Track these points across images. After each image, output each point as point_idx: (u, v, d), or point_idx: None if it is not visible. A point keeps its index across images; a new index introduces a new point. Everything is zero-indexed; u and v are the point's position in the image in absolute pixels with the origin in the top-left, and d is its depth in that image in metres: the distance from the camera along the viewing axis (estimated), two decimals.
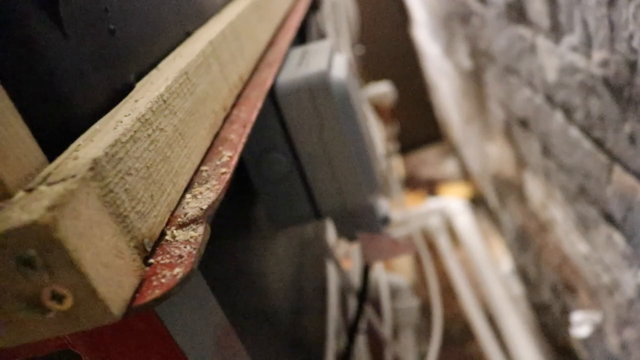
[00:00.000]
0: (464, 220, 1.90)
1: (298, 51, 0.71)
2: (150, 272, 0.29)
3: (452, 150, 3.28)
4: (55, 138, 0.33)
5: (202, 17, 0.63)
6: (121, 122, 0.33)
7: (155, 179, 0.33)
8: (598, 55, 0.74)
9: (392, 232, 1.88)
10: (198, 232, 0.31)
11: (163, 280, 0.28)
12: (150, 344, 0.36)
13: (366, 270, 0.79)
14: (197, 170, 0.39)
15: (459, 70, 2.03)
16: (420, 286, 2.07)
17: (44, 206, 0.24)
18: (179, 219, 0.33)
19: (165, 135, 0.36)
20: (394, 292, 1.18)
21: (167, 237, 0.32)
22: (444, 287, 2.01)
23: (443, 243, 1.83)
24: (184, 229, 0.32)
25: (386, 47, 3.32)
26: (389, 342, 0.95)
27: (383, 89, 2.29)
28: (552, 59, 0.95)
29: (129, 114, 0.34)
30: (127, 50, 0.44)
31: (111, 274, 0.26)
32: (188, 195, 0.36)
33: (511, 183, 1.74)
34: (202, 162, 0.40)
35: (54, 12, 0.36)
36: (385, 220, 0.72)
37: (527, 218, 1.68)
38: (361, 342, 0.98)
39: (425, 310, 1.77)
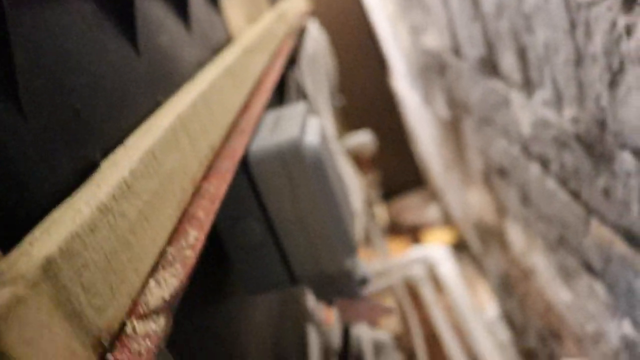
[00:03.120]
0: (448, 268, 1.89)
1: (272, 116, 0.71)
2: None
3: (434, 196, 3.29)
4: (11, 226, 0.32)
5: (173, 85, 0.63)
6: (80, 211, 0.32)
7: (116, 268, 0.32)
8: (569, 112, 0.76)
9: (374, 284, 1.86)
10: (159, 325, 0.30)
11: None
12: None
13: (346, 332, 0.78)
14: (162, 252, 0.38)
15: (437, 119, 2.05)
16: (404, 336, 2.04)
17: None
18: (140, 309, 0.32)
19: (128, 221, 0.35)
20: (378, 349, 1.15)
21: (127, 330, 0.30)
22: (429, 335, 1.99)
23: (427, 293, 1.81)
24: (145, 320, 0.31)
25: (366, 97, 3.37)
26: None
27: (363, 139, 2.30)
28: (525, 112, 0.97)
29: (89, 201, 0.33)
30: (93, 128, 0.43)
31: None
32: (152, 281, 0.35)
33: (493, 230, 1.75)
34: (169, 242, 0.39)
35: (12, 94, 0.36)
36: (364, 281, 0.71)
37: (510, 265, 1.67)
38: None
39: (410, 358, 1.74)
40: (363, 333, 1.11)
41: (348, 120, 2.99)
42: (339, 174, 0.71)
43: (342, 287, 0.68)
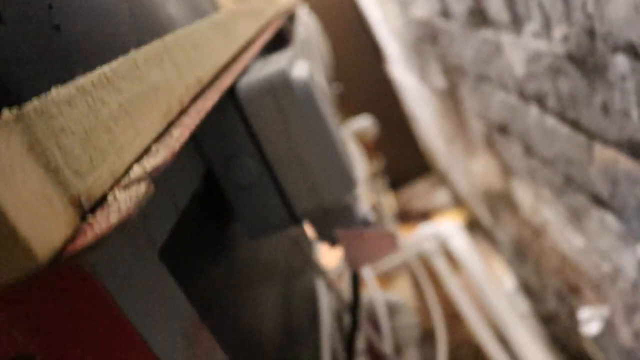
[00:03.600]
0: (460, 241, 1.87)
1: (260, 61, 0.71)
2: (87, 227, 0.27)
3: (441, 180, 3.27)
4: None
5: (159, 30, 0.63)
6: (57, 88, 0.31)
7: (96, 145, 0.32)
8: (558, 31, 0.75)
9: (388, 262, 1.85)
10: (140, 190, 0.29)
11: (97, 230, 0.26)
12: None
13: (355, 279, 0.77)
14: (147, 148, 0.38)
15: (436, 93, 2.04)
16: (422, 314, 2.02)
17: None
18: (122, 183, 0.31)
19: (109, 109, 0.35)
20: (392, 310, 1.14)
21: (109, 199, 0.30)
22: (447, 314, 1.97)
23: (441, 266, 1.79)
24: (127, 189, 0.30)
25: (364, 87, 3.36)
26: (392, 358, 0.91)
27: (364, 123, 2.29)
28: (517, 52, 0.96)
29: (67, 84, 0.33)
30: (73, 47, 0.43)
31: (36, 219, 0.24)
32: (135, 166, 0.34)
33: (500, 195, 1.73)
34: (154, 141, 0.39)
35: None
36: (365, 222, 0.70)
37: (521, 227, 1.66)
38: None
39: (430, 337, 1.72)
40: (377, 295, 1.09)
41: (347, 110, 2.98)
42: (331, 114, 0.70)
43: (344, 223, 0.67)
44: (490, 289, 1.75)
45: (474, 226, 2.67)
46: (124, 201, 0.29)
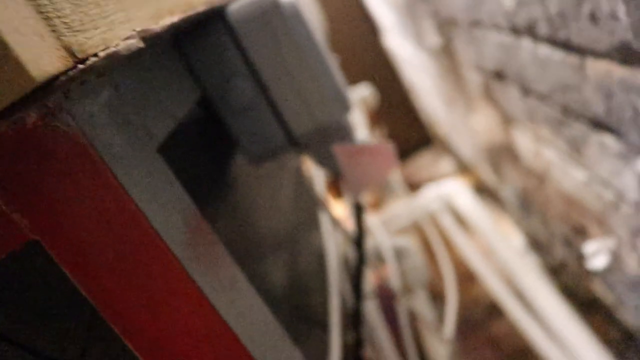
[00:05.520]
0: (466, 198, 1.88)
1: None
2: (78, 66, 0.28)
3: (444, 149, 3.28)
4: None
5: None
6: None
7: (87, 12, 0.33)
8: None
9: (396, 223, 1.86)
10: (131, 43, 0.30)
11: (87, 66, 0.27)
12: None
13: (358, 208, 0.78)
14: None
15: (432, 55, 2.05)
16: (432, 274, 2.03)
17: None
18: (114, 44, 0.32)
19: None
20: (400, 253, 1.15)
21: (100, 54, 0.31)
22: (457, 275, 1.97)
23: (449, 224, 1.80)
24: (117, 47, 0.31)
25: (360, 61, 3.36)
26: (400, 297, 0.92)
27: (364, 92, 2.30)
28: None
29: None
30: None
31: (28, 44, 0.25)
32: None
33: (502, 148, 1.74)
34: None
35: None
36: (356, 138, 0.71)
37: (525, 178, 1.66)
38: (370, 303, 0.95)
39: (441, 297, 1.73)
40: (383, 240, 1.10)
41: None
42: (322, 40, 0.71)
43: (339, 140, 0.68)
44: (500, 244, 1.76)
45: (479, 190, 2.68)
46: (113, 49, 0.30)
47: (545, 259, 1.92)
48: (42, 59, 0.26)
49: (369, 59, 3.41)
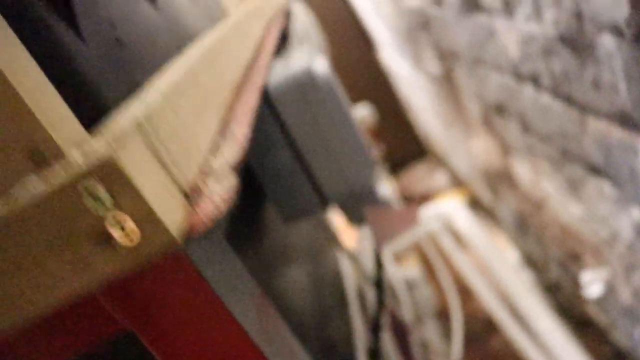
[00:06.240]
0: (464, 218, 1.95)
1: (280, 60, 0.78)
2: (194, 213, 0.34)
3: (439, 163, 3.35)
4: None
5: (188, 40, 0.69)
6: (146, 100, 0.38)
7: (184, 142, 0.39)
8: (549, 15, 0.82)
9: (396, 244, 1.92)
10: (229, 182, 0.36)
11: (205, 218, 0.33)
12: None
13: (379, 256, 0.84)
14: (216, 145, 0.45)
15: (430, 79, 2.11)
16: (436, 290, 2.09)
17: (104, 144, 0.29)
18: (210, 174, 0.38)
19: (184, 112, 0.42)
20: (410, 285, 1.21)
21: (204, 190, 0.37)
22: (458, 288, 2.04)
23: (448, 244, 1.87)
24: (217, 181, 0.37)
25: (356, 74, 3.42)
26: (413, 328, 0.99)
27: (363, 112, 2.36)
28: (511, 35, 1.03)
29: (152, 95, 0.39)
30: (133, 56, 0.50)
31: (166, 205, 0.31)
32: (212, 158, 0.41)
33: (500, 173, 1.80)
34: (219, 134, 0.46)
35: (73, 23, 0.42)
36: (386, 199, 0.77)
37: (521, 202, 1.73)
38: (387, 337, 1.02)
39: (443, 314, 1.79)
40: (394, 271, 1.17)
41: None
42: (348, 103, 0.77)
43: (368, 202, 0.74)
44: (497, 262, 1.83)
45: (474, 205, 2.75)
46: (218, 192, 0.36)
47: (540, 277, 1.99)
48: (176, 218, 0.31)
49: (362, 70, 3.47)
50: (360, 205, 0.75)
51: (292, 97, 0.67)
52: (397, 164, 3.59)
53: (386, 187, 0.78)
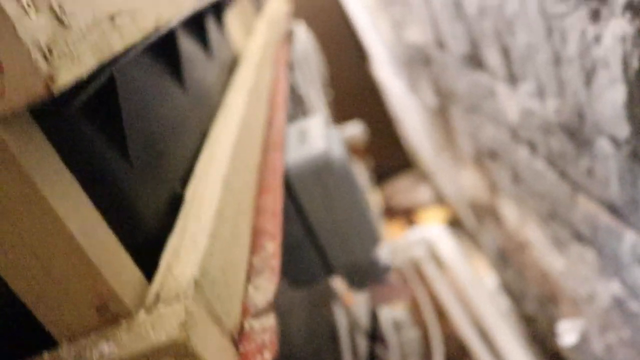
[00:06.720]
0: (447, 246, 2.00)
1: (295, 129, 0.81)
2: (244, 358, 0.38)
3: (424, 177, 3.41)
4: (135, 250, 0.42)
5: (211, 112, 0.73)
6: (195, 239, 0.42)
7: (227, 280, 0.42)
8: (551, 103, 0.86)
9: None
10: (270, 321, 0.40)
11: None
12: None
13: (374, 315, 0.88)
14: (249, 262, 0.48)
15: (424, 107, 2.16)
16: (414, 311, 2.15)
17: (176, 325, 0.33)
18: (252, 311, 0.42)
19: (226, 241, 0.45)
20: (397, 325, 1.27)
21: (246, 328, 0.40)
22: (438, 311, 2.11)
23: (430, 270, 1.92)
24: (258, 319, 0.41)
25: (348, 85, 3.46)
26: None
27: (354, 130, 2.40)
28: (511, 102, 1.07)
29: (199, 230, 0.43)
30: (172, 163, 0.53)
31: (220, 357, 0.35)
32: (250, 288, 0.45)
33: (487, 207, 1.86)
34: (251, 254, 0.50)
35: (124, 149, 0.45)
36: (387, 269, 0.81)
37: (505, 238, 1.79)
38: None
39: (422, 335, 1.85)
40: (383, 312, 1.22)
41: (335, 110, 3.08)
42: (357, 174, 0.81)
43: (370, 274, 0.78)
44: (476, 291, 1.89)
45: (456, 224, 2.81)
46: (260, 332, 0.39)
47: (517, 306, 2.06)
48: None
49: (353, 80, 3.51)
50: (362, 275, 0.79)
51: (309, 180, 0.71)
52: (382, 173, 3.64)
53: (387, 256, 0.82)
